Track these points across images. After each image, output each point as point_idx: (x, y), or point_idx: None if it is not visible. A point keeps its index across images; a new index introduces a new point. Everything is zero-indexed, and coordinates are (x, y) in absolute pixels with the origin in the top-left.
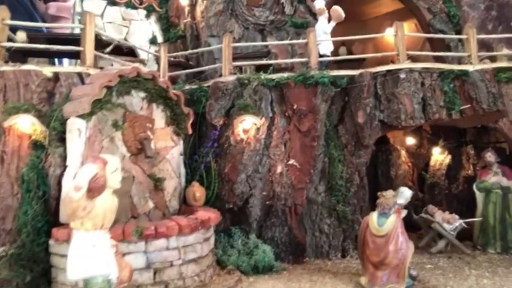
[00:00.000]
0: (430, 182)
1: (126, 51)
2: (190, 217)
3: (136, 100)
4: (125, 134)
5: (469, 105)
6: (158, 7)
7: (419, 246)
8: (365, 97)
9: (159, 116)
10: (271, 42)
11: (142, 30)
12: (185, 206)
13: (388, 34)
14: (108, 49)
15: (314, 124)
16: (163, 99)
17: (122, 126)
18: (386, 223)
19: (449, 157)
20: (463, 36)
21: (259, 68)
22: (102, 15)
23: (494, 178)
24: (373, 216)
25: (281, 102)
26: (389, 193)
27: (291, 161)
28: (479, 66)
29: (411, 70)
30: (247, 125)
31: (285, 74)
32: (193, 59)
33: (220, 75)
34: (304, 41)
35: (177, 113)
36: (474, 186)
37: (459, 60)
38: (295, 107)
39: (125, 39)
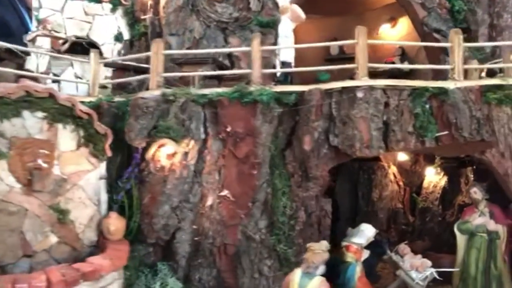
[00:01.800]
0: (421, 207)
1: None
2: (73, 266)
3: (30, 122)
4: (11, 163)
5: (446, 132)
6: (124, 1)
7: None
8: (313, 120)
9: (67, 137)
10: (207, 50)
11: (106, 26)
12: (103, 238)
13: (384, 31)
14: (64, 48)
15: (253, 149)
16: (72, 118)
17: (6, 154)
18: (308, 285)
19: (445, 179)
20: (447, 44)
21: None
22: (62, 10)
23: (480, 219)
24: (295, 275)
25: (216, 122)
26: (319, 246)
27: (224, 192)
28: (463, 83)
29: (371, 88)
30: (169, 150)
31: (219, 90)
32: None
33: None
34: (246, 49)
35: (91, 133)
36: (455, 227)
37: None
38: (229, 129)
39: (88, 36)
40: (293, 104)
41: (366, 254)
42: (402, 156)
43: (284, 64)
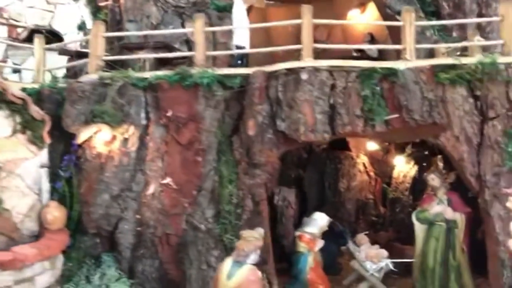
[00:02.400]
0: (392, 197)
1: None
2: None
3: None
4: None
5: (396, 115)
6: None
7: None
8: (256, 103)
9: (0, 123)
10: (146, 32)
11: (69, 15)
12: (43, 228)
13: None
14: (23, 36)
15: (197, 135)
16: (5, 104)
17: None
18: (236, 274)
19: (416, 168)
20: (398, 23)
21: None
22: None
23: (438, 207)
24: (225, 264)
25: (158, 107)
26: (251, 233)
27: (166, 180)
28: (414, 63)
29: (316, 69)
30: (106, 136)
31: (160, 73)
32: None
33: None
34: (188, 30)
35: (28, 119)
36: (413, 216)
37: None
38: (169, 114)
39: (50, 25)
40: (239, 88)
41: (320, 244)
42: (372, 146)
43: (238, 49)
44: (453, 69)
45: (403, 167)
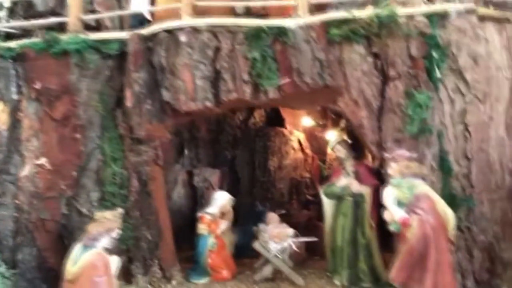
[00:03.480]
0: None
1: None
2: None
3: None
4: None
5: (287, 79)
6: None
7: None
8: (132, 71)
9: None
10: None
11: None
12: None
13: None
14: None
15: (72, 109)
16: None
17: None
18: (80, 260)
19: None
20: None
21: None
22: None
23: (344, 180)
24: (74, 250)
25: (28, 80)
26: (103, 214)
27: (40, 161)
28: (305, 20)
29: (195, 29)
30: None
31: (26, 40)
32: None
33: None
34: None
35: None
36: (320, 191)
37: None
38: (38, 86)
39: None
40: (120, 55)
41: (223, 225)
42: (306, 121)
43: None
44: (345, 24)
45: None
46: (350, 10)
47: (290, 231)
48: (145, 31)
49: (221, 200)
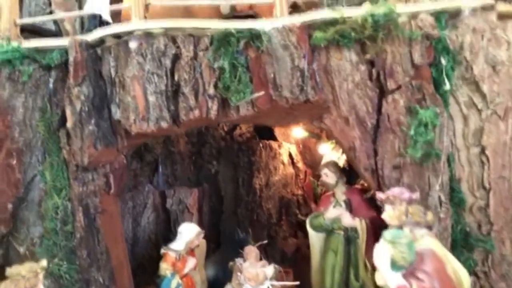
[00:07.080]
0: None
1: None
2: None
3: None
4: None
5: (262, 92)
6: None
7: None
8: (72, 85)
9: None
10: None
11: None
12: None
13: None
14: None
15: (5, 130)
16: None
17: None
18: None
19: (345, 156)
20: None
21: None
22: None
23: (334, 211)
24: None
25: None
26: (20, 269)
27: None
28: (283, 21)
29: (149, 34)
30: None
31: None
32: None
33: None
34: None
35: None
36: (307, 222)
37: None
38: None
39: None
40: (63, 65)
41: (191, 263)
42: (297, 133)
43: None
44: (332, 25)
45: (330, 156)
46: (338, 8)
47: (270, 271)
48: (90, 36)
49: (188, 234)
